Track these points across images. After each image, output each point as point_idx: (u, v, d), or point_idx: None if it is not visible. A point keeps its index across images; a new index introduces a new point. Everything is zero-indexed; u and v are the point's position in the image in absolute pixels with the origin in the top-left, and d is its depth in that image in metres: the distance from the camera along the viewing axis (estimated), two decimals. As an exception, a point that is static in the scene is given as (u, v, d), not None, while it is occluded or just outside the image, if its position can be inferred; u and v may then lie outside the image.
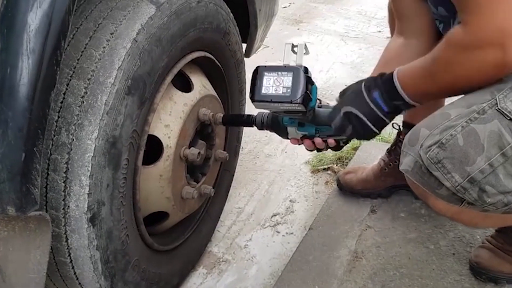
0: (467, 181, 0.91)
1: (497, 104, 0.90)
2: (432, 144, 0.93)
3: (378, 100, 1.03)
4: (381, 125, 1.07)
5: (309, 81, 1.00)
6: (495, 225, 1.14)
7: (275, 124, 1.20)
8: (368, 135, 1.08)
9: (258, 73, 1.01)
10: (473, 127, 0.91)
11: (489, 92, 0.93)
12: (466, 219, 1.07)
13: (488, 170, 0.90)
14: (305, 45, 1.02)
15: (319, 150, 1.20)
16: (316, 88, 1.05)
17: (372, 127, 1.05)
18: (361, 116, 1.04)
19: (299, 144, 1.22)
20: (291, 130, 1.18)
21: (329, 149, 1.20)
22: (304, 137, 1.18)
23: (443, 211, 1.05)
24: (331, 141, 1.15)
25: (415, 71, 1.02)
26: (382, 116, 1.04)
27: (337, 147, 1.20)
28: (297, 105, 0.98)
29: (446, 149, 0.92)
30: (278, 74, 0.99)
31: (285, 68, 1.00)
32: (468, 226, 1.37)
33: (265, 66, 1.02)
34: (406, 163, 0.98)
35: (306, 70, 1.00)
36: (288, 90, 0.98)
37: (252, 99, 1.01)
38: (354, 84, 1.09)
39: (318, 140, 1.15)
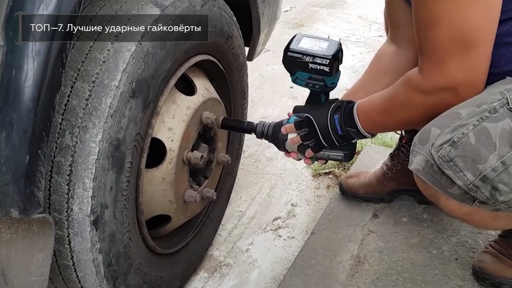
0: (479, 179, 0.92)
1: (508, 103, 0.92)
2: (444, 142, 0.93)
3: (335, 122, 1.12)
4: (331, 142, 1.15)
5: (341, 53, 1.10)
6: (506, 226, 1.14)
7: (275, 134, 1.22)
8: (318, 145, 1.16)
9: (297, 35, 1.13)
10: (484, 125, 0.91)
11: (498, 92, 0.95)
12: (477, 219, 1.07)
13: (501, 168, 0.90)
14: (340, 39, 1.14)
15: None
16: (340, 72, 1.14)
17: (322, 140, 1.15)
18: (317, 128, 1.14)
19: (296, 159, 1.25)
20: (291, 137, 1.19)
21: None
22: None
23: (454, 211, 1.04)
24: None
25: (374, 107, 1.10)
26: (332, 136, 1.13)
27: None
28: (327, 62, 1.07)
29: (458, 147, 0.92)
30: (316, 39, 1.12)
31: (323, 38, 1.12)
32: (479, 227, 1.35)
33: (305, 33, 1.14)
34: (416, 162, 0.98)
35: (341, 44, 1.10)
36: (323, 49, 1.09)
37: (287, 50, 1.11)
38: (331, 100, 1.18)
39: (309, 152, 1.19)
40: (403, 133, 1.58)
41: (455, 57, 0.93)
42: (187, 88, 1.24)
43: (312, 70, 1.08)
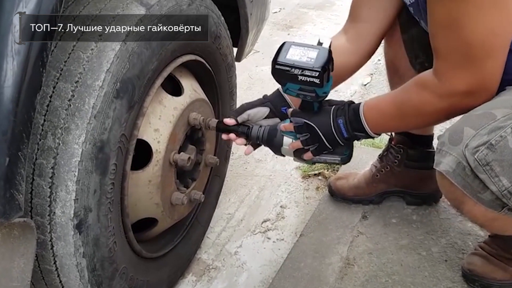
0: None
1: None
2: (480, 144, 0.90)
3: (341, 126, 1.10)
4: (336, 145, 1.13)
5: (331, 61, 1.05)
6: None
7: (270, 138, 1.20)
8: (321, 149, 1.14)
9: (285, 44, 1.08)
10: None
11: None
12: (498, 226, 1.04)
13: None
14: (331, 42, 1.08)
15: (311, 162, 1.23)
16: (332, 79, 1.10)
17: (327, 144, 1.12)
18: (320, 134, 1.11)
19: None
20: (287, 141, 1.18)
21: None
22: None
23: (477, 217, 1.01)
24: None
25: (383, 112, 1.07)
26: (338, 140, 1.11)
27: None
28: (316, 74, 1.02)
29: (495, 151, 0.89)
30: (305, 48, 1.06)
31: (312, 45, 1.06)
32: (497, 232, 1.32)
33: (293, 41, 1.08)
34: (446, 163, 0.95)
35: (330, 52, 1.05)
36: (312, 60, 1.04)
37: (275, 62, 1.06)
38: (327, 105, 1.14)
39: (309, 155, 1.17)
40: (393, 134, 1.57)
41: (473, 62, 0.92)
42: (174, 88, 1.22)
43: (302, 82, 1.04)
